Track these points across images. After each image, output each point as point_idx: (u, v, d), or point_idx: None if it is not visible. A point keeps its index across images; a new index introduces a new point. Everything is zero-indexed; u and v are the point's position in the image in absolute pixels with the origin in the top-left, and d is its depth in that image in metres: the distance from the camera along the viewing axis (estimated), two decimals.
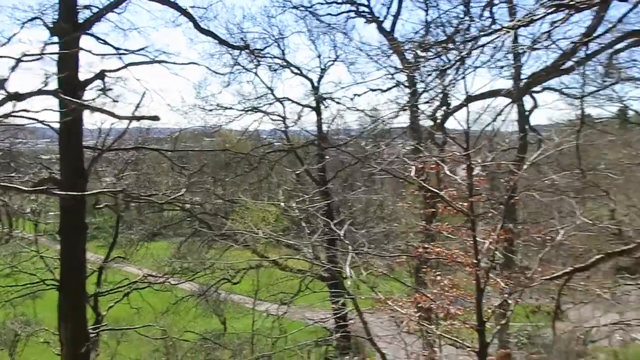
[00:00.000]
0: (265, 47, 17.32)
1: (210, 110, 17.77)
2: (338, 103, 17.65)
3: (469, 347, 7.09)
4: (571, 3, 4.46)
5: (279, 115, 17.99)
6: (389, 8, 16.59)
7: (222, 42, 15.81)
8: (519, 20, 4.86)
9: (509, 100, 10.37)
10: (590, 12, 8.15)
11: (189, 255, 17.78)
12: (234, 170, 18.62)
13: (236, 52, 16.69)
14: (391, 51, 14.41)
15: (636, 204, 14.89)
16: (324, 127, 18.27)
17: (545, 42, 5.45)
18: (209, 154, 19.86)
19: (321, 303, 15.02)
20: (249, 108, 17.69)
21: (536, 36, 5.30)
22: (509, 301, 7.35)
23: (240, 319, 18.25)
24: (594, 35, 6.40)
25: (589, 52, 7.17)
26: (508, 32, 4.89)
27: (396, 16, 16.52)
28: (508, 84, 11.69)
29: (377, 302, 8.79)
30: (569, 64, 8.95)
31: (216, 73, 16.94)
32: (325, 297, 14.59)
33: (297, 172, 16.40)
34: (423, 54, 9.69)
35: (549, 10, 4.56)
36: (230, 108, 17.88)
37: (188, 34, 21.24)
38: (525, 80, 9.76)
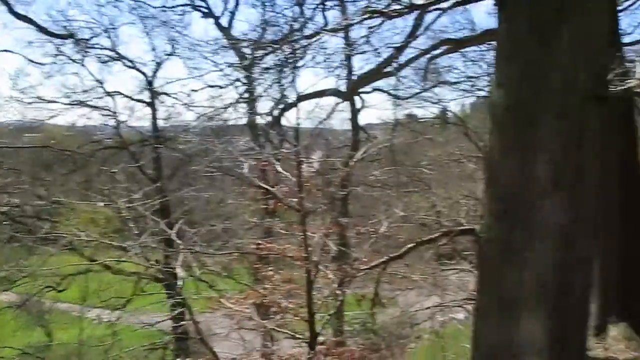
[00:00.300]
0: (93, 37, 16.23)
1: (30, 103, 16.23)
2: (175, 99, 17.15)
3: (300, 338, 7.34)
4: (384, 11, 4.78)
5: (109, 110, 16.99)
6: (226, 4, 16.51)
7: (41, 29, 14.54)
8: (337, 24, 5.11)
9: (343, 99, 10.88)
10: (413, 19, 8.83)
11: (5, 263, 16.04)
12: (58, 169, 17.19)
13: (59, 41, 15.45)
14: (228, 48, 14.34)
15: (452, 197, 16.41)
16: (161, 124, 17.66)
17: (365, 46, 5.82)
18: (27, 151, 18.07)
19: (157, 305, 14.50)
20: (76, 102, 16.44)
21: (355, 40, 5.65)
22: (338, 292, 7.73)
23: (68, 329, 16.95)
24: (410, 41, 6.95)
25: (405, 57, 7.76)
26: (327, 34, 5.11)
27: (233, 12, 16.49)
28: (342, 84, 12.32)
29: (213, 301, 8.74)
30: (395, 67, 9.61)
31: (35, 63, 15.56)
32: (161, 299, 14.13)
33: (113, 171, 15.56)
34: (257, 52, 9.76)
35: (365, 16, 4.84)
36: (54, 101, 16.48)
37: (1, 19, 19.19)
38: (352, 81, 10.32)
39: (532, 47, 3.85)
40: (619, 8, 11.83)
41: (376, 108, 26.05)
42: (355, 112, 15.91)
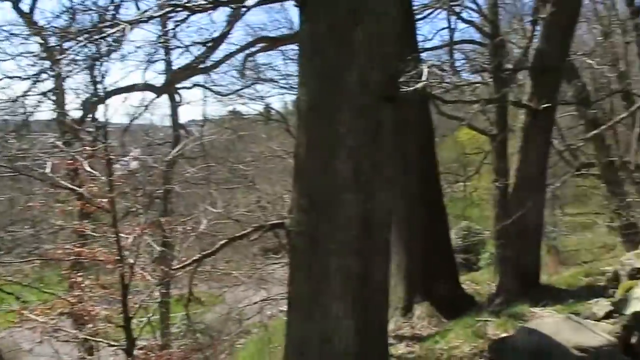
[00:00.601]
0: None
1: None
2: None
3: (116, 345, 6.97)
4: (187, 5, 4.68)
5: None
6: None
7: None
8: (137, 16, 4.90)
9: (158, 94, 10.48)
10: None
11: None
12: None
13: None
14: (29, 35, 12.99)
15: (276, 192, 16.77)
16: None
17: (176, 41, 5.66)
18: None
19: None
20: None
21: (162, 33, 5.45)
22: (157, 293, 7.47)
23: None
24: (221, 38, 6.91)
25: (224, 53, 7.73)
26: (128, 26, 4.86)
27: None
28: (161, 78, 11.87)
29: (16, 314, 7.93)
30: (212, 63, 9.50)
31: None
32: None
33: None
34: (64, 42, 9.01)
35: (167, 10, 4.70)
36: None
37: None
38: (167, 77, 10.03)
39: (329, 47, 4.04)
40: (419, 16, 13.02)
41: (199, 104, 25.66)
42: (175, 108, 15.49)
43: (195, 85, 14.67)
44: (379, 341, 4.72)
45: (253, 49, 9.69)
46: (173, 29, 5.21)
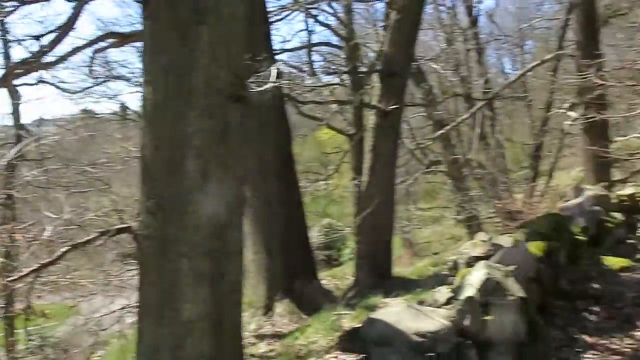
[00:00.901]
0: None
1: None
2: None
3: None
4: None
5: None
6: None
7: None
8: None
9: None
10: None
11: None
12: None
13: None
14: None
15: (134, 195, 16.05)
16: None
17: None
18: None
19: None
20: None
21: None
22: None
23: None
24: (62, 32, 6.46)
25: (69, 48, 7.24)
26: None
27: None
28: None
29: None
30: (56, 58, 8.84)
31: None
32: None
33: None
34: None
35: None
36: None
37: None
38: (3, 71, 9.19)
39: (174, 46, 3.95)
40: (277, 17, 13.20)
41: (46, 102, 23.88)
42: (16, 106, 14.26)
43: (40, 81, 13.58)
44: (233, 342, 4.70)
45: (102, 44, 9.16)
46: (1, 20, 4.74)
